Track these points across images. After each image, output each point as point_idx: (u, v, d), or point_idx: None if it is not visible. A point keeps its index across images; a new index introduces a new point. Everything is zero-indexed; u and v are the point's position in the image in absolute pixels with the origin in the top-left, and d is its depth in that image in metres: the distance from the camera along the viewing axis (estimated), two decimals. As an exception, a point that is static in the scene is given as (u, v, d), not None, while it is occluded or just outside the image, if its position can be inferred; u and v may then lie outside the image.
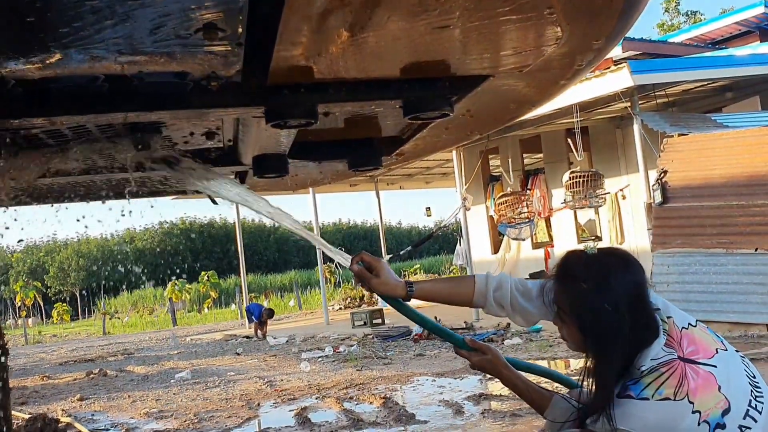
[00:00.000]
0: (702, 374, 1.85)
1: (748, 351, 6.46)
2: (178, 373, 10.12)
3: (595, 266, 1.96)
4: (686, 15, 38.89)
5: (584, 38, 1.81)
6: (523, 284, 2.25)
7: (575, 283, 1.95)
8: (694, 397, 1.81)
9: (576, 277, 1.96)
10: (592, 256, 1.99)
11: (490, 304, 2.24)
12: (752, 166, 8.55)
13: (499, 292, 2.23)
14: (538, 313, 2.22)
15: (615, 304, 1.88)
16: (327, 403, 6.49)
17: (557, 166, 15.71)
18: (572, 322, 1.97)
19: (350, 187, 21.30)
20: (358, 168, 3.06)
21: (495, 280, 2.25)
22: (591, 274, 1.94)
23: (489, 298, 2.23)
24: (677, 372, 1.84)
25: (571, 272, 1.99)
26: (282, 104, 1.95)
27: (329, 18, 1.50)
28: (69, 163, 2.42)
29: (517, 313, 2.24)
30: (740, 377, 1.92)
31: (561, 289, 1.99)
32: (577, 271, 1.97)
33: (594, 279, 1.92)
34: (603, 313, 1.89)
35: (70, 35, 1.39)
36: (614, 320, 1.88)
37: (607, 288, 1.91)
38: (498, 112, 2.64)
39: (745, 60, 12.72)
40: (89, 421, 6.85)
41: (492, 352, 2.34)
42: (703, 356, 1.89)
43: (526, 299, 2.22)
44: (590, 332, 1.93)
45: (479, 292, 2.24)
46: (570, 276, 1.98)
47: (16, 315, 42.89)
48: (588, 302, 1.91)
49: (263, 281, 46.20)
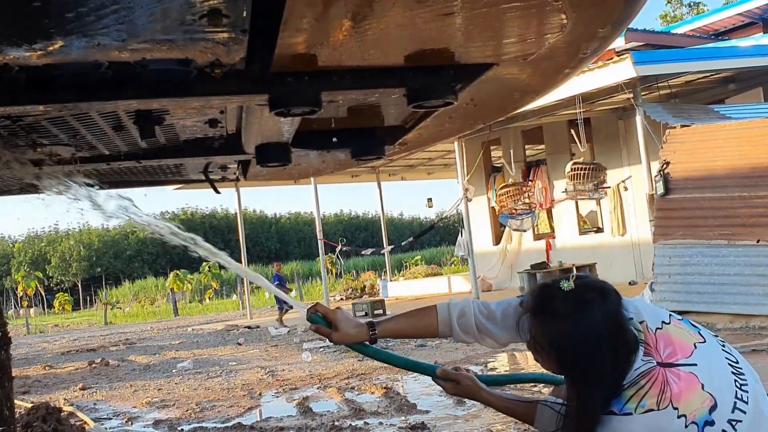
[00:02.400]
0: (683, 376, 1.83)
1: (750, 342, 6.47)
2: (180, 362, 10.15)
3: (572, 300, 1.89)
4: (689, 6, 38.76)
5: (589, 26, 1.80)
6: (487, 307, 2.20)
7: (553, 319, 1.90)
8: (678, 402, 1.79)
9: (553, 313, 1.90)
10: (569, 291, 1.91)
11: (456, 332, 2.19)
12: (755, 157, 8.53)
13: (463, 319, 2.18)
14: (505, 336, 2.17)
15: (595, 339, 1.84)
16: (328, 393, 6.50)
17: (559, 158, 15.69)
18: (550, 357, 1.92)
19: (352, 177, 21.30)
20: (361, 157, 3.05)
21: (457, 307, 2.20)
22: (568, 309, 1.88)
23: (454, 327, 2.19)
24: (658, 380, 1.81)
25: (547, 308, 1.93)
26: (286, 92, 1.94)
27: (334, 5, 1.49)
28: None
29: (485, 336, 2.18)
30: (723, 369, 1.89)
31: (537, 325, 1.93)
32: (554, 306, 1.91)
33: (572, 314, 1.87)
34: (583, 349, 1.85)
35: (72, 22, 1.38)
36: (595, 355, 1.84)
37: (585, 323, 1.85)
38: (502, 101, 2.62)
39: (748, 51, 12.69)
40: (91, 410, 6.87)
41: (466, 379, 2.32)
42: (682, 356, 1.86)
43: (491, 322, 2.17)
44: (570, 367, 1.89)
45: (443, 321, 2.20)
46: (547, 312, 1.92)
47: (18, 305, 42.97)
48: (567, 338, 1.86)
49: (265, 272, 46.25)
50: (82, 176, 2.85)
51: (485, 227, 18.30)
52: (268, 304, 29.74)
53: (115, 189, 3.71)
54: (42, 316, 39.59)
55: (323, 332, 2.21)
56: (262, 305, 28.73)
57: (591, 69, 10.91)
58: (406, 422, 5.01)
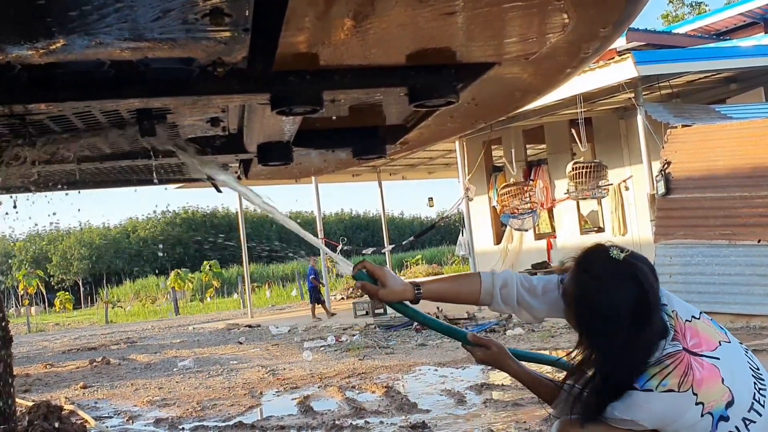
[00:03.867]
0: (706, 366, 1.85)
1: (751, 342, 6.47)
2: (181, 361, 10.15)
3: (611, 267, 1.91)
4: (691, 6, 38.73)
5: (591, 25, 1.80)
6: (528, 281, 2.23)
7: (586, 274, 1.93)
8: (699, 388, 1.81)
9: (588, 269, 1.94)
10: (613, 258, 1.93)
11: (496, 302, 2.21)
12: (756, 157, 8.53)
13: (505, 290, 2.20)
14: (543, 310, 2.20)
15: (616, 312, 1.86)
16: (329, 392, 6.51)
17: (560, 157, 15.67)
18: (571, 311, 1.97)
19: (353, 177, 21.28)
20: (363, 156, 3.05)
21: (501, 277, 2.23)
22: (604, 272, 1.90)
23: (496, 296, 2.21)
24: (683, 363, 1.84)
25: (586, 264, 1.97)
26: (287, 91, 1.94)
27: (335, 4, 1.49)
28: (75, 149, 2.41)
29: (523, 310, 2.22)
30: (744, 370, 1.92)
31: (571, 276, 1.97)
32: (593, 264, 1.95)
33: (605, 278, 1.89)
34: (601, 313, 1.87)
35: (74, 20, 1.38)
36: (611, 326, 1.86)
37: (613, 292, 1.87)
38: (503, 100, 2.62)
39: (749, 51, 12.67)
40: (92, 409, 6.87)
41: (495, 345, 2.32)
42: (706, 349, 1.88)
43: (532, 296, 2.20)
44: (585, 327, 1.92)
45: (486, 290, 2.22)
46: (584, 267, 1.96)
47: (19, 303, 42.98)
48: (590, 297, 1.89)
49: (265, 271, 46.25)
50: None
51: (486, 227, 18.28)
52: (269, 303, 29.76)
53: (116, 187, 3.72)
54: (43, 315, 39.59)
55: (370, 289, 2.20)
56: (262, 304, 28.73)
57: (592, 69, 10.91)
58: (407, 421, 5.01)
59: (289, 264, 48.15)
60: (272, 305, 28.19)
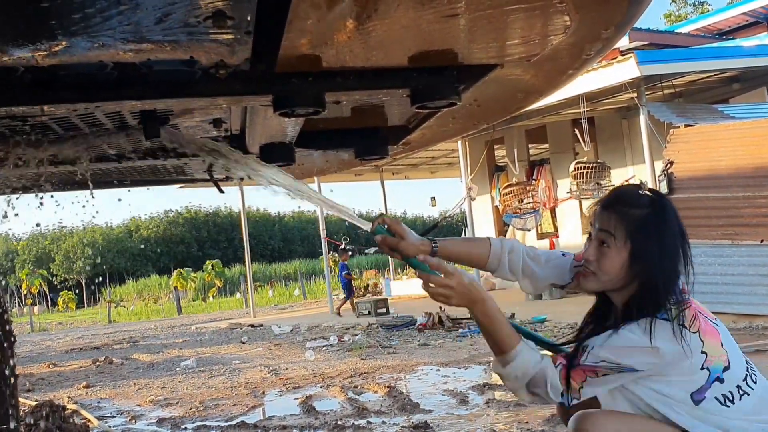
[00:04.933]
0: (709, 325, 1.97)
1: (754, 342, 6.46)
2: (184, 361, 10.17)
3: (648, 197, 2.04)
4: (693, 5, 38.71)
5: (593, 27, 1.80)
6: (533, 250, 2.34)
7: (631, 209, 2.02)
8: (704, 336, 1.93)
9: (631, 204, 2.03)
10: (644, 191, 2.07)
11: (503, 266, 2.30)
12: (759, 157, 8.52)
13: (512, 255, 2.30)
14: (545, 278, 2.30)
15: (677, 230, 2.01)
16: (332, 391, 6.51)
17: (563, 157, 15.68)
18: (624, 248, 2.00)
19: (355, 176, 21.30)
20: (365, 157, 3.05)
21: (509, 244, 2.33)
22: (647, 202, 2.02)
23: (503, 262, 2.30)
24: (692, 309, 1.96)
25: (627, 200, 2.06)
26: (290, 92, 1.95)
27: (338, 6, 1.49)
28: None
29: (526, 277, 2.31)
30: (738, 350, 2.02)
31: (616, 216, 2.03)
32: (631, 198, 2.05)
33: (652, 206, 2.02)
34: (668, 238, 1.99)
35: (77, 23, 1.38)
36: (677, 246, 2.00)
37: (665, 215, 2.01)
38: (505, 101, 2.63)
39: (752, 51, 12.66)
40: (95, 409, 6.89)
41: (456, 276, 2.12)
42: (707, 314, 2.01)
43: (536, 264, 2.30)
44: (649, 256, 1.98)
45: (494, 253, 2.30)
46: (624, 203, 2.04)
47: (22, 303, 43.08)
48: (651, 226, 1.99)
49: (268, 270, 46.33)
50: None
51: (488, 226, 18.29)
52: (272, 302, 29.78)
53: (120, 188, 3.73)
54: (46, 314, 39.69)
55: (390, 242, 2.26)
56: (265, 304, 28.76)
57: (595, 68, 10.91)
58: (409, 421, 5.01)
59: (291, 263, 48.20)
60: (275, 305, 28.21)
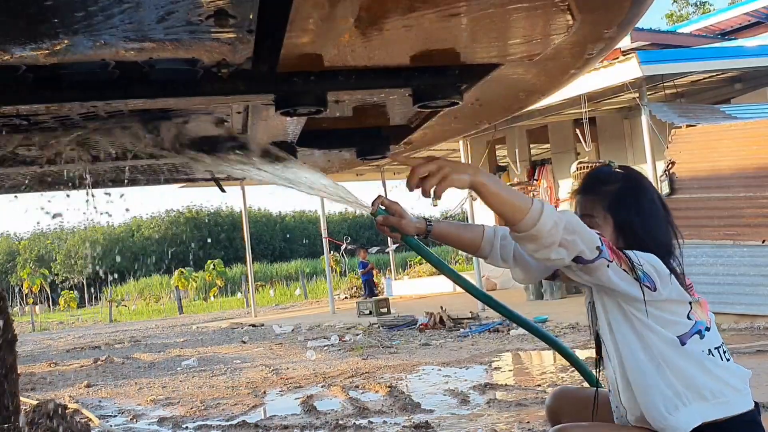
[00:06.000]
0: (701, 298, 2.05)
1: (755, 342, 6.46)
2: (185, 360, 10.17)
3: (621, 173, 2.11)
4: (695, 5, 38.69)
5: (595, 26, 1.80)
6: None
7: (607, 186, 2.08)
8: (695, 296, 2.02)
9: (604, 181, 2.10)
10: (615, 169, 2.14)
11: (495, 252, 2.31)
12: (761, 157, 8.52)
13: (505, 242, 2.31)
14: (536, 268, 2.30)
15: (650, 196, 2.06)
16: (332, 391, 6.51)
17: (564, 157, 15.67)
18: (605, 220, 2.05)
19: (356, 176, 21.29)
20: (366, 157, 3.05)
21: (502, 230, 2.33)
22: (620, 177, 2.09)
23: (495, 247, 2.31)
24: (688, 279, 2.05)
25: (598, 180, 2.13)
26: (292, 92, 1.95)
27: (340, 6, 1.49)
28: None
29: (518, 266, 2.31)
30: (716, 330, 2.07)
31: (591, 197, 2.10)
32: (605, 177, 2.11)
33: (624, 180, 2.08)
34: (642, 203, 2.04)
35: (79, 21, 1.38)
36: (654, 209, 2.05)
37: (637, 184, 2.08)
38: (507, 101, 2.62)
39: (754, 51, 12.65)
40: (96, 408, 6.89)
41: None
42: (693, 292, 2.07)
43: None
44: (632, 224, 2.03)
45: (487, 239, 2.32)
46: (599, 183, 2.11)
47: (23, 302, 43.12)
48: (625, 195, 2.05)
49: (269, 270, 46.32)
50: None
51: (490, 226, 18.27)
52: (273, 302, 29.79)
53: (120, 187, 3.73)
54: (47, 313, 39.71)
55: (392, 221, 2.27)
56: (266, 303, 28.77)
57: (596, 68, 10.89)
58: (410, 421, 5.01)
59: (292, 263, 48.20)
60: (276, 304, 28.22)
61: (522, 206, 1.83)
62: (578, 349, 7.55)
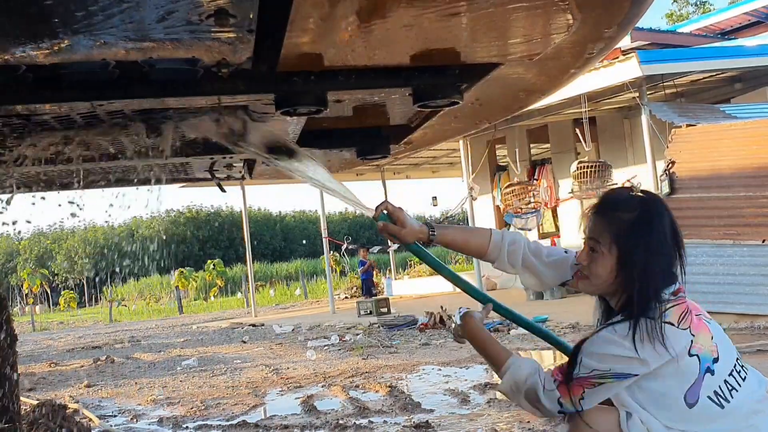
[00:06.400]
0: (702, 321, 1.96)
1: (755, 342, 6.45)
2: (185, 360, 10.17)
3: (637, 200, 2.01)
4: (695, 5, 38.68)
5: (595, 26, 1.80)
6: (535, 245, 2.32)
7: (620, 213, 1.99)
8: (696, 331, 1.92)
9: (619, 207, 2.01)
10: (635, 193, 2.05)
11: (502, 258, 2.28)
12: (761, 157, 8.51)
13: (513, 247, 2.27)
14: (546, 275, 2.27)
15: (663, 234, 1.97)
16: (333, 391, 6.51)
17: (564, 157, 15.67)
18: (610, 253, 1.98)
19: (356, 176, 21.27)
20: (367, 156, 3.06)
21: (510, 235, 2.30)
22: (636, 205, 1.99)
23: (503, 253, 2.27)
24: (684, 305, 1.94)
25: (614, 205, 2.03)
26: (292, 92, 1.95)
27: (340, 5, 1.49)
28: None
29: (527, 272, 2.29)
30: (729, 347, 2.01)
31: (603, 221, 2.01)
32: (621, 202, 2.02)
33: (641, 209, 1.98)
34: (653, 242, 1.95)
35: (79, 21, 1.38)
36: (663, 249, 1.96)
37: (652, 217, 1.98)
38: (507, 100, 2.63)
39: (754, 51, 12.64)
40: (96, 408, 6.88)
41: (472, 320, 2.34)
42: (698, 311, 2.00)
43: (538, 259, 2.28)
44: (637, 260, 1.95)
45: (494, 244, 2.28)
46: (613, 207, 2.02)
47: (24, 302, 43.10)
48: (636, 230, 1.96)
49: (269, 270, 46.26)
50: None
51: (490, 226, 18.23)
52: (273, 302, 29.77)
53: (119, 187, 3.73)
54: (47, 313, 39.69)
55: (392, 230, 2.27)
56: (266, 303, 28.75)
57: (596, 68, 10.90)
58: (411, 421, 5.00)
59: (293, 263, 48.16)
60: (276, 304, 28.19)
61: (495, 363, 2.25)
62: (578, 348, 7.55)
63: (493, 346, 2.26)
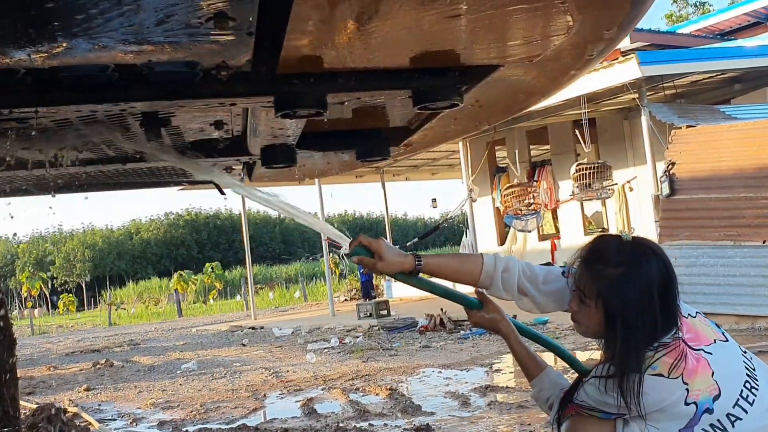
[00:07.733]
0: (699, 358, 1.89)
1: (755, 344, 6.45)
2: (184, 363, 10.15)
3: (626, 252, 1.94)
4: (695, 6, 38.70)
5: (595, 27, 1.79)
6: (531, 269, 2.21)
7: (606, 267, 1.93)
8: (689, 378, 1.85)
9: (606, 261, 1.94)
10: (624, 243, 1.97)
11: (496, 285, 2.19)
12: (761, 158, 8.50)
13: (506, 274, 2.18)
14: (543, 302, 2.20)
15: (648, 291, 1.89)
16: (333, 394, 6.50)
17: (564, 158, 15.67)
18: (596, 307, 1.94)
19: (356, 178, 21.28)
20: (366, 158, 3.05)
21: (503, 261, 2.21)
22: (622, 259, 1.92)
23: (496, 280, 2.19)
24: (676, 351, 1.87)
25: (601, 257, 1.96)
26: (291, 94, 1.94)
27: (339, 7, 1.49)
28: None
29: (523, 298, 2.20)
30: (737, 367, 1.95)
31: (588, 273, 1.96)
32: (608, 255, 1.95)
33: (626, 265, 1.91)
34: (635, 300, 1.88)
35: (78, 24, 1.38)
36: (646, 307, 1.88)
37: (639, 273, 1.90)
38: (507, 102, 2.62)
39: (754, 51, 12.65)
40: (96, 411, 6.87)
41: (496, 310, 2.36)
42: (701, 343, 1.92)
43: (533, 285, 2.18)
44: (619, 318, 1.90)
45: (487, 272, 2.19)
46: (600, 260, 1.95)
47: (22, 306, 43.08)
48: (620, 288, 1.90)
49: (268, 272, 46.28)
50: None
51: (490, 228, 18.27)
52: (272, 305, 29.77)
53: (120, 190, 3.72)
54: (46, 317, 39.68)
55: (367, 263, 2.21)
56: (265, 306, 28.75)
57: (596, 69, 10.90)
58: (411, 424, 5.00)
59: (292, 265, 48.18)
60: (275, 307, 28.20)
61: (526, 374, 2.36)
62: (579, 351, 7.54)
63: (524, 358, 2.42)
